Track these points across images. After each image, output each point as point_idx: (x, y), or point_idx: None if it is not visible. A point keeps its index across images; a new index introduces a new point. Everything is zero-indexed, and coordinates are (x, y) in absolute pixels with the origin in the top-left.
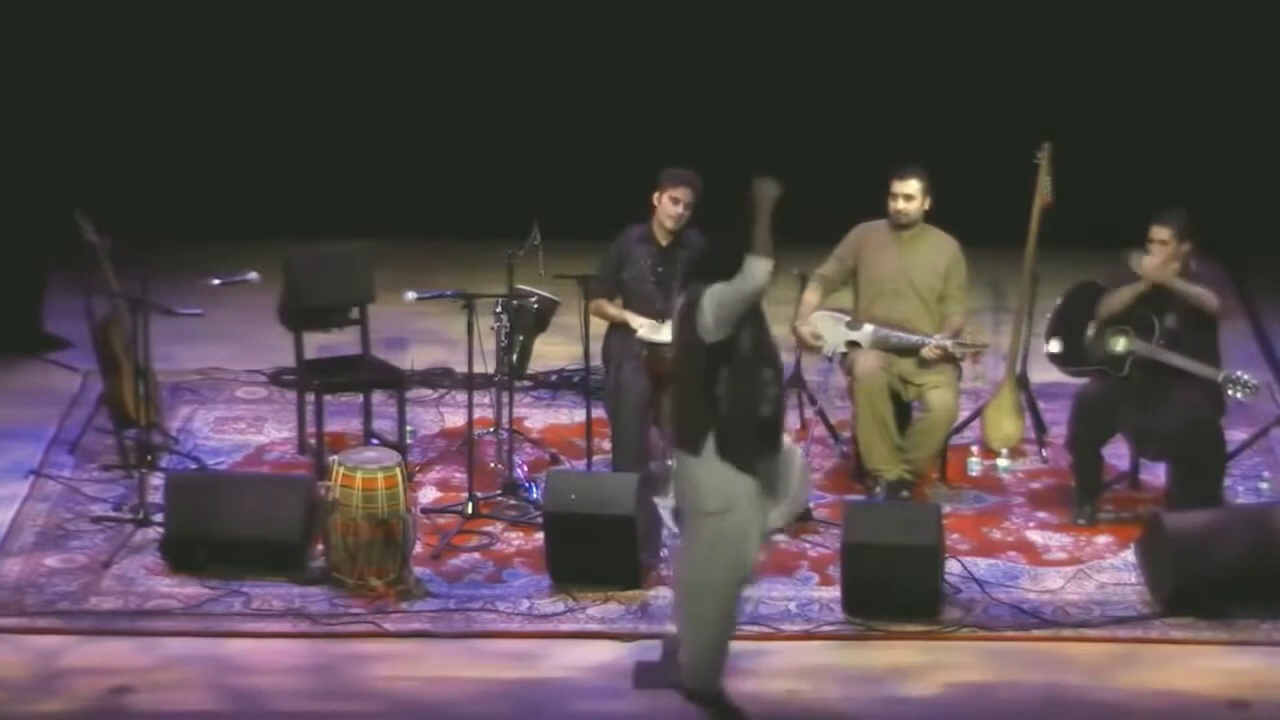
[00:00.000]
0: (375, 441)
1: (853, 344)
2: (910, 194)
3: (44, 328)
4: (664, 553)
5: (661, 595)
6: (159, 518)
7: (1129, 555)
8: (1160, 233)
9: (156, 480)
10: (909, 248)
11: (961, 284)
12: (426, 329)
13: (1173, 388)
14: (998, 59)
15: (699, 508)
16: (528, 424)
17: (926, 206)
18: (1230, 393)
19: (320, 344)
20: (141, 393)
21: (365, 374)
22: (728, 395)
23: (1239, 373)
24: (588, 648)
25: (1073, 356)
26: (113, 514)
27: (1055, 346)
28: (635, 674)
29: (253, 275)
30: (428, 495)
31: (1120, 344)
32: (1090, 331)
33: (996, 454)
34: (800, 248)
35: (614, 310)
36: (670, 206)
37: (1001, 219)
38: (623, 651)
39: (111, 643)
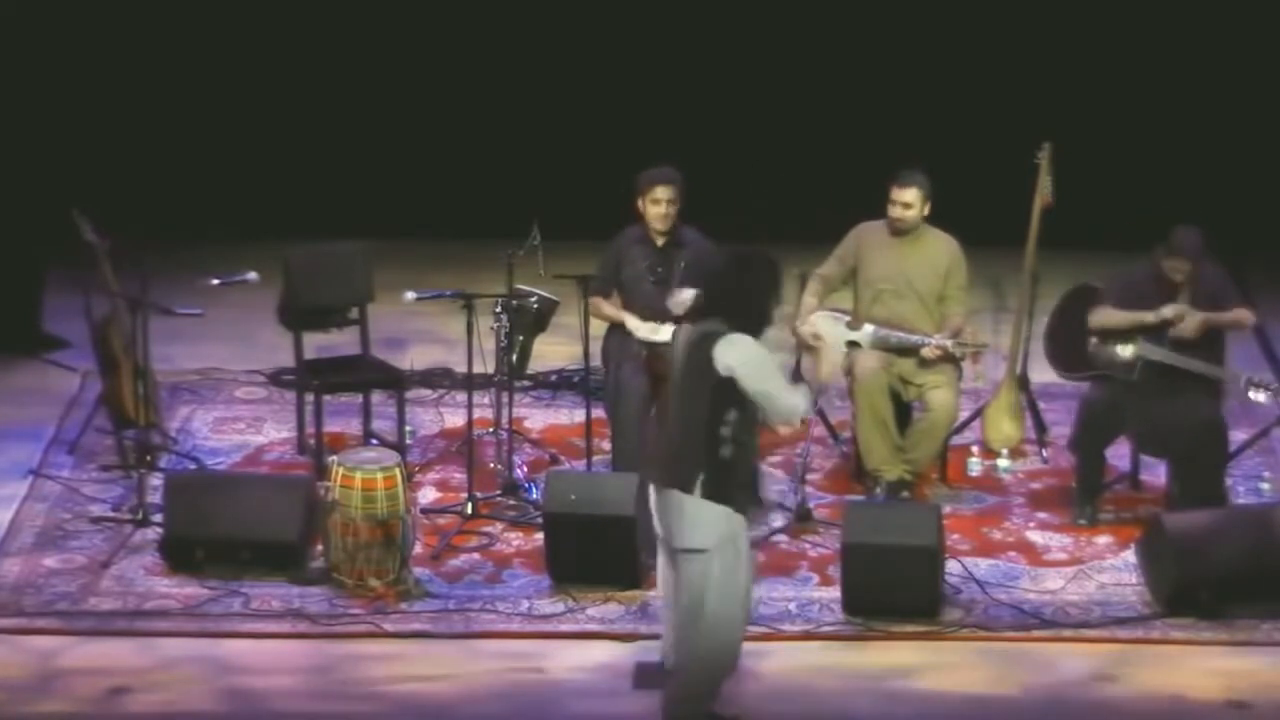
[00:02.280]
0: (375, 442)
1: (853, 344)
2: (909, 202)
3: (43, 328)
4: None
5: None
6: (158, 518)
7: (1129, 556)
8: (1180, 265)
9: (155, 480)
10: (909, 248)
11: (961, 284)
12: (426, 329)
13: (1177, 387)
14: (998, 59)
15: (684, 545)
16: (527, 424)
17: (925, 213)
18: (1252, 395)
19: (320, 344)
20: (141, 393)
21: (365, 374)
22: (733, 437)
23: (1260, 376)
24: (588, 648)
25: (1073, 361)
26: (112, 514)
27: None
28: (635, 674)
29: (252, 275)
30: (427, 495)
31: (1129, 350)
32: (1094, 339)
33: (997, 454)
34: (800, 248)
35: (610, 310)
36: (654, 209)
37: (1001, 219)
38: (623, 651)
39: (110, 643)
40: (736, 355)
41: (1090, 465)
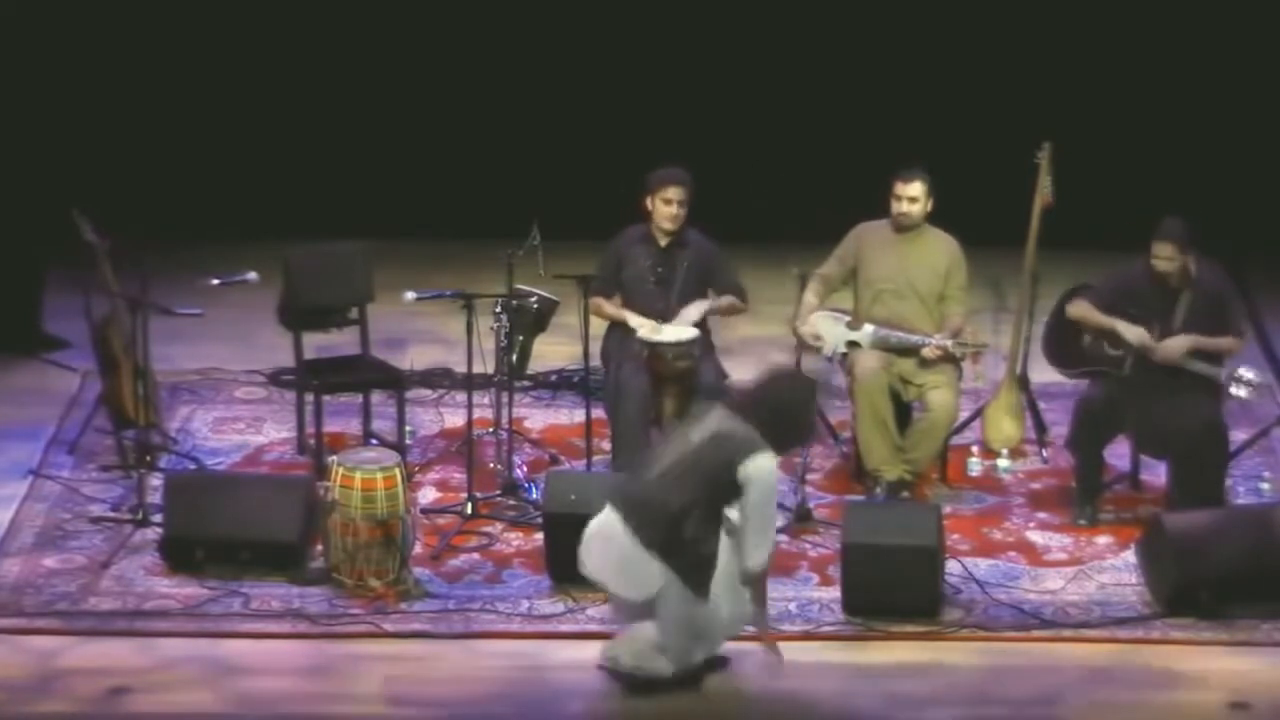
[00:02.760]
0: (374, 442)
1: (853, 344)
2: (914, 196)
3: (43, 328)
4: None
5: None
6: (158, 518)
7: (1129, 556)
8: (1165, 250)
9: (155, 480)
10: (909, 248)
11: (962, 284)
12: (426, 329)
13: (1175, 386)
14: (998, 59)
15: (624, 593)
16: (527, 424)
17: (929, 208)
18: (1234, 391)
19: (319, 344)
20: (140, 393)
21: (364, 374)
22: (701, 523)
23: (1242, 370)
24: (588, 648)
25: (1071, 358)
26: (111, 514)
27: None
28: None
29: (252, 275)
30: (427, 495)
31: (1120, 348)
32: (1088, 339)
33: (997, 454)
34: (800, 248)
35: (611, 309)
36: (664, 208)
37: (1001, 219)
38: None
39: (110, 643)
40: (758, 474)
41: (1088, 464)
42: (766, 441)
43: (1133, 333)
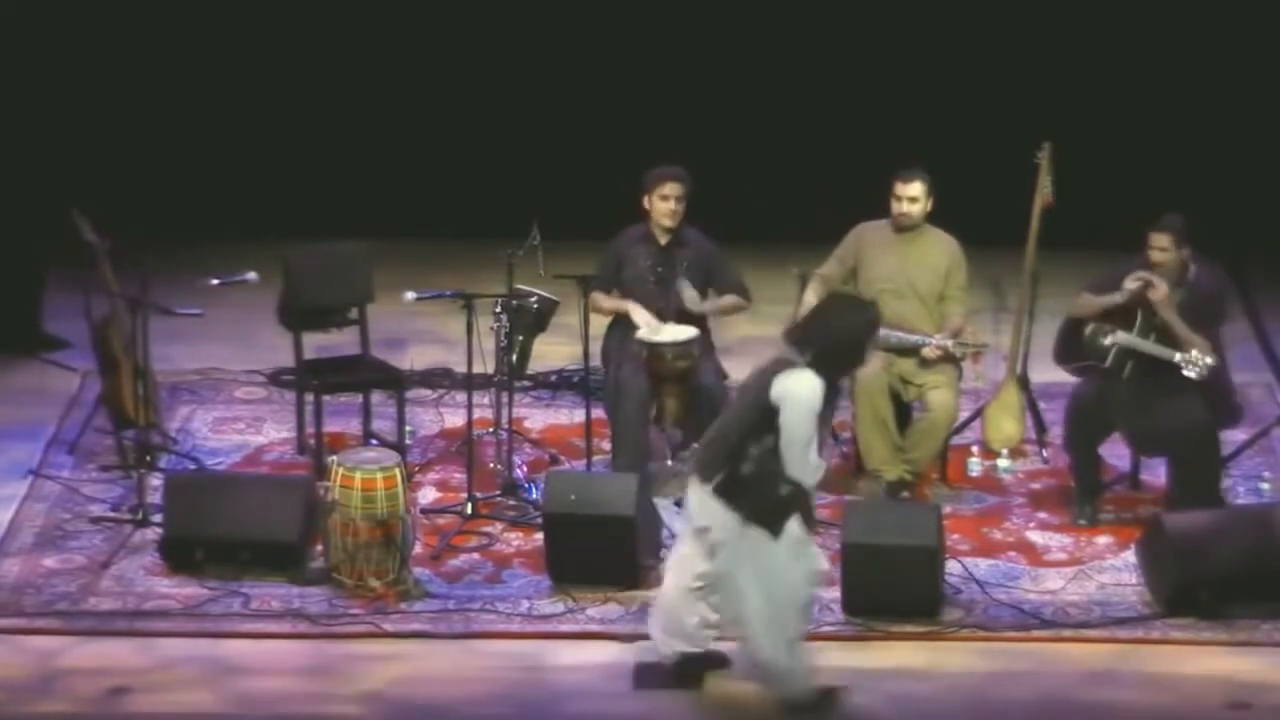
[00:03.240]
0: (374, 442)
1: None
2: (914, 196)
3: (43, 328)
4: (663, 553)
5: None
6: (158, 518)
7: (1129, 556)
8: (1160, 240)
9: (155, 481)
10: (909, 248)
11: (962, 284)
12: (426, 329)
13: (1167, 388)
14: (998, 59)
15: (694, 524)
16: (527, 424)
17: (929, 208)
18: (1185, 372)
19: (319, 344)
20: (140, 393)
21: (364, 374)
22: (759, 458)
23: (1194, 353)
24: (588, 648)
25: (1070, 351)
26: (111, 514)
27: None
28: (635, 674)
29: (252, 275)
30: (427, 496)
31: (1108, 337)
32: (1090, 326)
33: (997, 454)
34: (800, 248)
35: (610, 302)
36: (662, 205)
37: (1001, 219)
38: (623, 651)
39: (110, 643)
40: (791, 391)
41: (1084, 463)
42: (823, 366)
43: (1128, 286)
